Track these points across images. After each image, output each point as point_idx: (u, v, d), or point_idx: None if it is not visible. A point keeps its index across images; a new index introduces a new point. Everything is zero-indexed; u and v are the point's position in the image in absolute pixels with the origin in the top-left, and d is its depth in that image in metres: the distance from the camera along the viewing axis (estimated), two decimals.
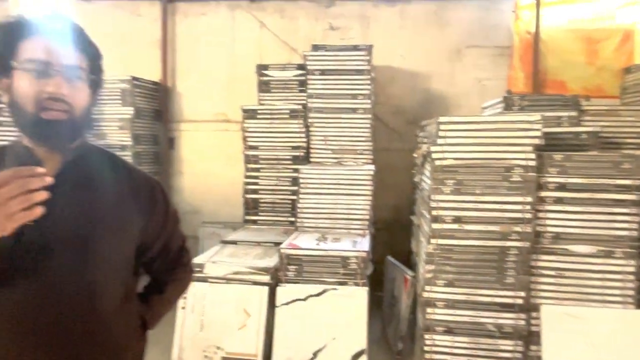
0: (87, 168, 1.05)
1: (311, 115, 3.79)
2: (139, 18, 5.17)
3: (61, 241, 0.96)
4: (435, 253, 2.59)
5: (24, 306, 0.93)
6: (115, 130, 4.64)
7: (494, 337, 2.55)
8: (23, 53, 0.95)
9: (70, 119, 0.96)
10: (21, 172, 0.77)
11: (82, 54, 1.00)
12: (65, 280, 0.96)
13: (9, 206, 0.75)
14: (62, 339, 0.96)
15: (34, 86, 0.93)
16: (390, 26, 4.80)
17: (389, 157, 4.54)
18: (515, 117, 2.58)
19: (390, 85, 4.77)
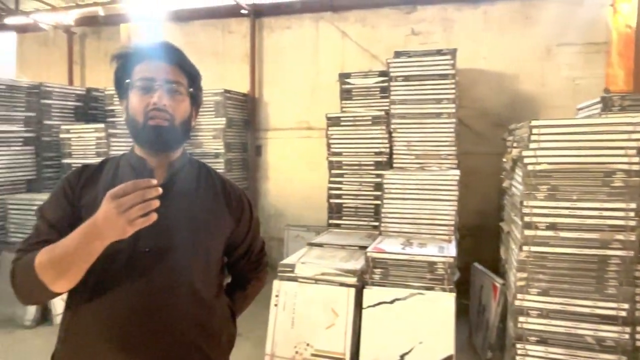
0: (189, 177, 1.19)
1: (394, 121, 3.83)
2: (230, 35, 5.56)
3: (170, 244, 1.08)
4: (527, 260, 2.52)
5: (141, 299, 1.04)
6: (210, 140, 5.02)
7: (594, 350, 2.41)
8: (135, 75, 1.10)
9: (171, 126, 1.09)
10: (139, 184, 0.86)
11: (182, 72, 1.13)
12: (175, 277, 1.08)
13: (130, 213, 0.85)
14: (173, 326, 1.08)
15: (142, 100, 1.07)
16: (474, 28, 4.70)
17: (473, 161, 4.44)
18: (617, 118, 2.44)
19: (474, 88, 4.67)
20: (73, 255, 0.93)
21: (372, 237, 3.60)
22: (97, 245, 0.91)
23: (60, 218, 1.08)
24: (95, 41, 6.27)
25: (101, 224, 0.88)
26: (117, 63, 1.13)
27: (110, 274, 1.03)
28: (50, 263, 0.94)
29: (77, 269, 0.95)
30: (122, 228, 0.87)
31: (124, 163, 1.16)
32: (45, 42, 6.46)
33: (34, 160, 4.44)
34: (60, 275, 0.95)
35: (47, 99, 4.57)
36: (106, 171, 1.15)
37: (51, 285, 0.95)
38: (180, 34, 5.73)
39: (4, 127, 4.20)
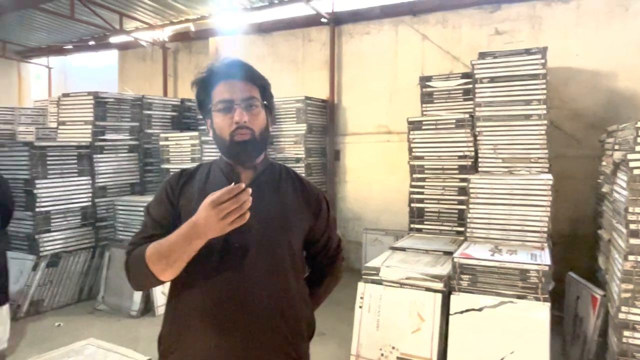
0: (271, 179, 1.31)
1: (479, 123, 3.73)
2: (310, 43, 5.74)
3: (257, 239, 1.20)
4: (633, 271, 2.35)
5: (231, 288, 1.18)
6: (291, 145, 5.21)
7: None
8: (215, 97, 1.23)
9: (253, 138, 1.21)
10: (233, 190, 0.99)
11: (254, 86, 1.25)
12: (262, 269, 1.21)
13: (229, 216, 1.00)
14: (259, 312, 1.19)
15: (225, 120, 1.21)
16: (565, 24, 4.45)
17: (565, 165, 4.21)
18: None
19: (566, 87, 4.42)
20: (177, 251, 1.08)
21: (456, 243, 3.54)
22: (197, 243, 1.07)
23: (163, 216, 1.25)
24: (186, 55, 6.77)
25: (202, 226, 1.03)
26: (197, 88, 1.27)
27: (206, 266, 1.17)
28: (158, 257, 1.10)
29: (180, 262, 1.10)
30: (222, 229, 1.02)
31: (214, 168, 1.32)
32: (143, 57, 7.09)
33: (138, 165, 4.89)
34: (167, 266, 1.10)
35: (148, 110, 5.02)
36: (199, 175, 1.31)
37: (159, 274, 1.12)
38: (263, 45, 6.02)
39: (113, 136, 4.68)
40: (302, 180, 1.38)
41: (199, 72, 1.28)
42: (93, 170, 4.48)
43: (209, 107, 1.24)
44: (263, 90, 1.27)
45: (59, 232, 4.18)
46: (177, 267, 1.11)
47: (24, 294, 3.96)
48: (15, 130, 6.40)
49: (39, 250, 4.02)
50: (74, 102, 4.63)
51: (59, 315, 4.02)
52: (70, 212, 4.28)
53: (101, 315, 4.07)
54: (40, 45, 8.11)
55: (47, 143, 4.23)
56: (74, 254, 4.32)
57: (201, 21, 6.47)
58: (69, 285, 4.31)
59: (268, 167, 1.32)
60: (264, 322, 1.20)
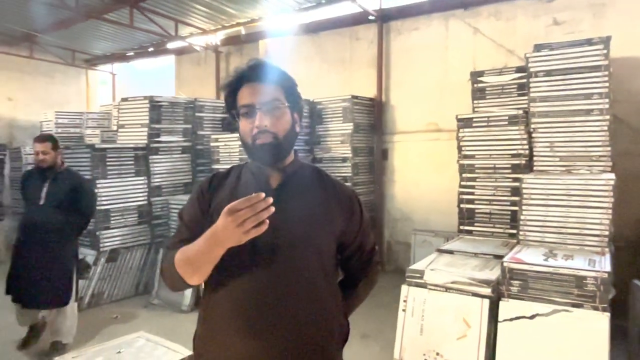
0: (302, 181, 1.28)
1: (534, 120, 3.53)
2: (358, 41, 5.69)
3: (287, 241, 1.18)
4: None
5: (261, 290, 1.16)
6: (338, 144, 5.20)
7: None
8: (239, 102, 1.23)
9: (276, 141, 1.19)
10: (251, 200, 0.97)
11: (278, 88, 1.23)
12: (291, 270, 1.18)
13: (244, 225, 0.97)
14: (289, 316, 1.17)
15: (247, 124, 1.20)
16: (631, 10, 4.10)
17: (632, 163, 3.90)
18: None
19: (634, 79, 4.07)
20: (200, 258, 1.10)
21: (508, 246, 3.36)
22: (218, 251, 1.06)
23: (194, 220, 1.25)
24: (238, 58, 6.95)
25: (220, 234, 1.02)
26: (225, 92, 1.27)
27: (236, 268, 1.16)
28: (184, 262, 1.13)
29: (205, 268, 1.11)
30: (238, 237, 1.00)
31: (245, 170, 1.31)
32: (198, 61, 7.36)
33: (190, 166, 5.08)
34: (194, 272, 1.13)
35: (200, 112, 5.19)
36: (231, 178, 1.30)
37: (187, 279, 1.15)
38: (311, 45, 6.04)
39: (167, 138, 4.88)
40: (334, 182, 1.34)
41: (228, 76, 1.29)
42: (149, 171, 4.70)
43: (234, 113, 1.25)
44: (288, 91, 1.25)
45: (117, 229, 4.43)
46: (203, 272, 1.13)
47: (85, 286, 4.24)
48: (82, 133, 6.86)
49: (99, 246, 4.28)
50: (131, 106, 4.89)
51: (117, 308, 4.26)
52: (127, 210, 4.52)
53: (154, 309, 4.27)
54: (105, 53, 8.65)
55: (107, 145, 4.49)
56: (131, 250, 4.56)
57: (251, 24, 6.60)
58: (126, 280, 4.56)
59: (298, 169, 1.30)
60: (294, 326, 1.18)
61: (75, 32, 6.99)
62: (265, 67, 1.24)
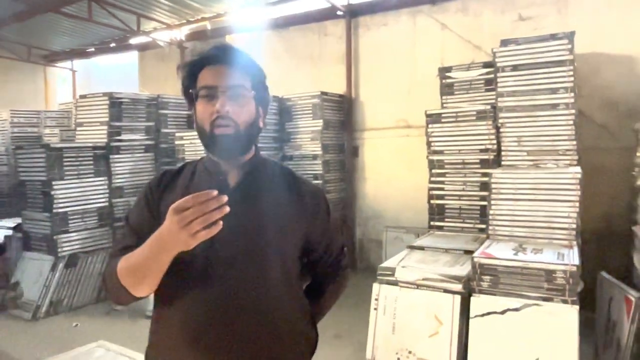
0: (262, 178, 1.17)
1: (502, 115, 3.53)
2: (326, 37, 5.62)
3: (245, 247, 1.07)
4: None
5: (217, 303, 1.04)
6: (308, 142, 5.12)
7: None
8: (199, 83, 1.09)
9: (236, 132, 1.07)
10: (199, 197, 0.84)
11: (245, 75, 1.10)
12: (250, 280, 1.07)
13: (191, 227, 0.84)
14: (248, 330, 1.06)
15: (207, 109, 1.06)
16: (595, 6, 4.18)
17: (597, 157, 3.96)
18: None
19: (597, 74, 4.15)
20: (145, 266, 0.96)
21: (478, 241, 3.36)
22: (164, 257, 0.93)
23: (141, 223, 1.11)
24: None
25: (165, 237, 0.89)
26: (183, 72, 1.13)
27: (188, 278, 1.04)
28: (127, 272, 0.99)
29: (151, 278, 0.98)
30: (185, 241, 0.87)
31: (200, 167, 1.18)
32: (162, 57, 7.12)
33: (154, 165, 4.89)
34: (138, 282, 0.99)
35: (164, 109, 5.01)
36: (184, 175, 1.17)
37: (132, 290, 1.00)
38: (279, 41, 5.93)
39: (129, 136, 4.68)
40: (298, 179, 1.23)
41: (188, 56, 1.19)
42: (110, 171, 4.50)
43: (193, 94, 1.10)
44: (255, 80, 1.13)
45: (77, 233, 4.22)
46: (149, 282, 0.99)
47: (42, 294, 4.01)
48: (41, 133, 6.54)
49: (57, 251, 4.06)
50: (90, 103, 4.67)
51: (77, 316, 4.06)
52: (87, 212, 4.32)
53: (118, 315, 4.08)
54: (64, 49, 8.28)
55: (64, 145, 4.27)
56: (92, 255, 4.36)
57: (217, 19, 6.44)
58: (87, 286, 4.35)
59: (259, 165, 1.18)
60: (252, 341, 1.07)
61: (31, 27, 6.63)
62: (233, 51, 1.11)
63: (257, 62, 1.15)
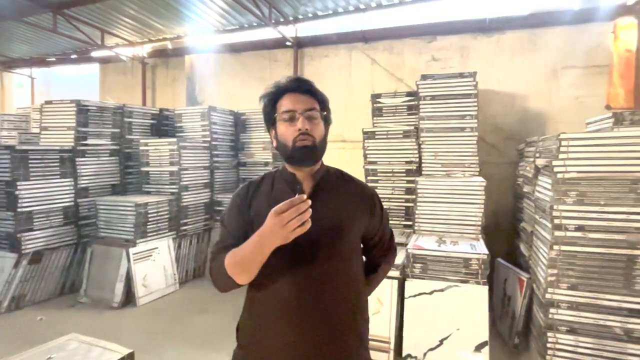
0: (330, 183, 1.21)
1: (423, 134, 3.67)
2: (276, 62, 5.50)
3: (324, 237, 1.10)
4: (558, 258, 2.34)
5: (303, 282, 1.09)
6: (260, 151, 4.96)
7: (622, 340, 2.22)
8: (280, 108, 1.15)
9: (314, 145, 1.12)
10: (294, 201, 0.91)
11: (314, 99, 1.17)
12: (330, 264, 1.11)
13: (290, 225, 0.92)
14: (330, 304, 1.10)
15: (289, 129, 1.12)
16: (488, 54, 4.52)
17: (488, 169, 4.24)
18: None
19: (489, 106, 4.48)
20: (250, 259, 1.02)
21: (404, 235, 3.46)
22: (266, 250, 0.99)
23: (237, 227, 1.16)
24: (164, 70, 6.30)
25: (268, 234, 0.96)
26: (265, 101, 1.18)
27: (279, 266, 1.08)
28: (234, 263, 1.05)
29: (254, 268, 1.03)
30: (285, 237, 0.94)
31: (278, 177, 1.21)
32: (124, 71, 6.52)
33: (118, 168, 4.43)
34: (243, 271, 1.05)
35: (129, 118, 4.57)
36: (265, 184, 1.21)
37: (237, 278, 1.05)
38: (234, 63, 5.70)
39: (95, 141, 4.21)
40: (357, 182, 1.27)
41: (267, 87, 1.19)
42: (75, 173, 4.00)
43: (274, 118, 1.16)
44: (322, 104, 1.19)
45: (41, 231, 3.69)
46: (252, 271, 1.04)
47: (4, 290, 3.45)
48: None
49: (20, 249, 3.51)
50: (56, 109, 4.12)
51: (41, 310, 3.54)
52: (52, 211, 3.79)
53: (83, 308, 3.62)
54: (23, 57, 7.28)
55: (29, 147, 3.70)
56: (56, 251, 3.83)
57: (178, 40, 6.04)
58: (51, 280, 3.82)
59: (325, 174, 1.21)
60: (337, 322, 1.11)
61: None
62: (304, 81, 1.19)
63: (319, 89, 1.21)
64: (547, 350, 2.36)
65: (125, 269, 3.65)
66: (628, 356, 2.21)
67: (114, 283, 3.62)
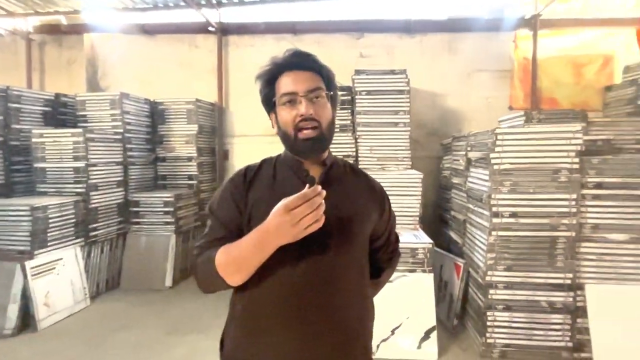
0: (339, 174, 1.07)
1: (359, 129, 3.73)
2: (197, 49, 5.07)
3: (335, 233, 0.96)
4: (495, 243, 2.55)
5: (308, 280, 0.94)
6: (183, 144, 4.53)
7: (547, 312, 2.51)
8: (278, 90, 0.99)
9: (320, 133, 0.97)
10: (308, 194, 0.78)
11: (318, 76, 1.00)
12: (340, 263, 0.97)
13: (303, 223, 0.79)
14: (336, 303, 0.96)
15: (290, 113, 0.97)
16: (412, 54, 4.77)
17: (416, 164, 4.47)
18: (561, 127, 2.55)
19: (413, 103, 4.69)
20: (249, 258, 0.88)
21: None
22: (270, 249, 0.86)
23: (230, 217, 0.99)
24: (55, 49, 5.35)
25: (274, 232, 0.82)
26: (261, 81, 1.03)
27: (280, 259, 0.91)
28: (228, 263, 0.90)
29: (251, 268, 0.90)
30: (295, 236, 0.82)
31: (280, 164, 1.06)
32: (1, 48, 5.37)
33: (3, 164, 3.62)
34: (238, 272, 0.91)
35: (15, 103, 3.76)
36: (265, 171, 1.05)
37: (229, 279, 0.91)
38: (148, 45, 5.10)
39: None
40: (366, 176, 1.13)
41: (263, 66, 1.02)
42: None
43: (273, 101, 1.00)
44: (327, 81, 1.01)
45: None
46: (249, 272, 0.90)
47: None
48: None
49: None
50: None
51: None
52: None
53: None
54: None
55: None
56: None
57: (73, 15, 5.17)
58: None
59: (334, 163, 1.07)
60: (346, 329, 0.97)
61: None
62: (305, 55, 1.01)
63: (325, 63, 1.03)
64: (487, 328, 2.56)
65: (20, 287, 2.99)
66: (552, 325, 2.51)
67: (5, 305, 2.95)
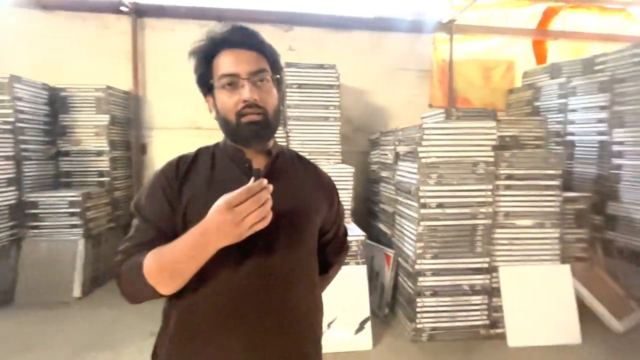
0: (285, 165, 0.99)
1: (290, 122, 3.67)
2: (107, 30, 4.54)
3: (282, 223, 0.88)
4: (424, 233, 2.68)
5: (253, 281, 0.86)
6: (91, 137, 4.04)
7: (468, 294, 2.72)
8: (216, 71, 0.90)
9: (265, 119, 0.90)
10: (253, 189, 0.71)
11: (263, 57, 0.93)
12: (289, 260, 0.91)
13: (247, 221, 0.72)
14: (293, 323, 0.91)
15: (231, 98, 0.88)
16: (340, 50, 4.83)
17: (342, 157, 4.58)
18: (480, 124, 2.76)
19: (341, 99, 4.79)
20: (185, 263, 0.77)
21: None
22: (209, 252, 0.76)
23: (160, 216, 0.87)
24: None
25: (214, 233, 0.73)
26: (195, 59, 0.93)
27: (220, 258, 0.81)
28: (160, 269, 0.78)
29: (187, 274, 0.79)
30: (239, 236, 0.73)
31: (219, 153, 0.96)
32: None
33: None
34: (172, 279, 0.79)
35: None
36: (202, 162, 0.94)
37: (160, 287, 0.80)
38: (44, 22, 4.43)
39: None
40: (312, 164, 1.07)
41: (197, 40, 0.91)
42: None
43: (210, 83, 0.91)
44: (273, 63, 0.94)
45: None
46: (184, 279, 0.80)
47: None
48: None
49: None
50: None
51: None
52: None
53: None
54: None
55: None
56: None
57: None
58: None
59: (280, 153, 0.99)
60: (297, 331, 0.91)
61: None
62: (249, 32, 0.92)
63: (268, 42, 0.96)
64: (416, 314, 2.69)
65: None
66: (472, 305, 2.72)
67: None
